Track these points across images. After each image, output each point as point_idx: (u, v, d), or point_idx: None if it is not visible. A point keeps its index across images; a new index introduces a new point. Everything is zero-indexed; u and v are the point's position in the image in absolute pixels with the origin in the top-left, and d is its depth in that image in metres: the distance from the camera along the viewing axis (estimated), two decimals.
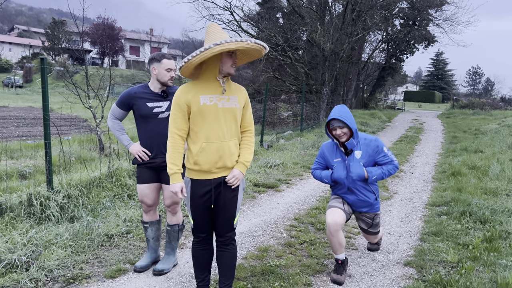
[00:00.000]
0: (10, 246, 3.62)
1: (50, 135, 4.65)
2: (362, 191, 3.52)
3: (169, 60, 3.40)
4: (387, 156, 3.50)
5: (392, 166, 3.51)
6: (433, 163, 9.64)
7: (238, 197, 2.77)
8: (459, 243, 4.29)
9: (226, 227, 2.77)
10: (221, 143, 2.64)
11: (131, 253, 3.91)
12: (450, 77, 79.06)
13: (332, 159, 3.56)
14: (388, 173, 3.49)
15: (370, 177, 3.44)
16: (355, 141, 3.43)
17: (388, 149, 3.49)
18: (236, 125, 2.72)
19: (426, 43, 27.47)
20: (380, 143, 3.50)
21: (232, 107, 2.68)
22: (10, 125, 16.39)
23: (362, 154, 3.45)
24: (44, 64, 4.52)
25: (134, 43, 66.20)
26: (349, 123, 3.33)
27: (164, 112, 3.37)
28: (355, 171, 3.44)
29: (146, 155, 3.39)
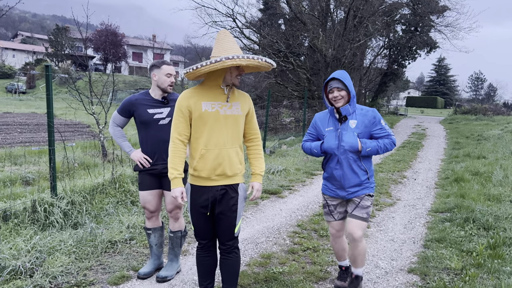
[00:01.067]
0: (14, 252, 3.63)
1: (54, 141, 4.67)
2: (353, 166, 3.11)
3: (168, 66, 3.44)
4: (384, 129, 3.14)
5: (389, 141, 3.13)
6: (436, 169, 9.63)
7: (238, 206, 2.74)
8: (463, 250, 4.27)
9: (227, 236, 2.76)
10: (220, 150, 2.64)
11: (135, 259, 3.92)
12: (452, 83, 79.02)
13: (324, 128, 3.20)
14: (384, 147, 3.11)
15: (364, 148, 3.06)
16: (351, 108, 3.10)
17: (386, 123, 3.18)
18: (238, 133, 2.71)
19: (428, 49, 27.47)
20: (378, 114, 3.15)
21: (235, 114, 2.68)
22: (13, 131, 16.46)
23: (357, 124, 3.10)
24: (49, 71, 4.56)
25: (137, 49, 66.52)
26: (349, 85, 3.04)
27: (164, 118, 3.40)
28: (348, 140, 3.07)
29: (147, 161, 3.41)
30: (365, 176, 3.15)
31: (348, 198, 3.18)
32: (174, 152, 2.69)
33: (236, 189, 2.72)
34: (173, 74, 3.43)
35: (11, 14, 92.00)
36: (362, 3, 18.28)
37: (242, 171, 2.76)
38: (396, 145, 3.18)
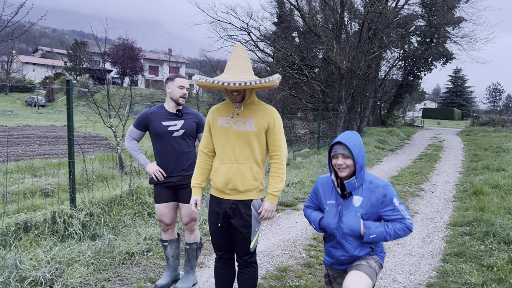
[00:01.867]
0: (35, 263, 3.69)
1: (74, 154, 4.77)
2: (353, 249, 2.62)
3: (182, 79, 3.52)
4: (397, 211, 2.55)
5: (401, 226, 2.54)
6: (454, 181, 9.48)
7: (252, 222, 2.71)
8: (483, 264, 4.19)
9: (242, 250, 2.77)
10: (231, 165, 2.67)
11: (152, 271, 3.95)
12: (469, 94, 78.03)
13: (326, 199, 2.73)
14: (394, 233, 2.54)
15: (367, 235, 2.53)
16: (357, 181, 2.58)
17: (401, 202, 2.61)
18: (251, 149, 2.67)
19: (444, 60, 27.26)
20: (390, 192, 2.57)
21: (246, 130, 2.67)
22: (33, 144, 16.82)
23: (363, 202, 2.57)
24: (69, 86, 4.68)
25: (153, 63, 67.60)
26: (356, 154, 2.53)
27: (178, 130, 3.46)
28: (348, 222, 2.58)
29: (162, 174, 3.46)
30: (367, 251, 2.64)
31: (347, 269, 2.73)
32: (197, 163, 2.86)
33: (249, 205, 2.69)
34: (185, 87, 3.50)
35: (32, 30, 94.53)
36: (376, 15, 18.29)
37: (259, 187, 2.71)
38: (411, 230, 2.58)
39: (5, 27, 6.26)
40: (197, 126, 3.56)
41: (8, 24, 6.27)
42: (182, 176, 3.47)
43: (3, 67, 54.62)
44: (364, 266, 2.55)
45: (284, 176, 2.71)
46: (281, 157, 2.70)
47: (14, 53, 57.34)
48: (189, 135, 3.51)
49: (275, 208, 2.72)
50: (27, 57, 72.07)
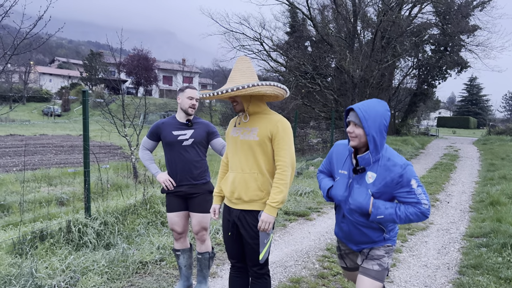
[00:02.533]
0: (50, 271, 3.74)
1: (89, 164, 4.84)
2: (361, 228, 2.48)
3: (192, 90, 3.58)
4: (413, 194, 2.31)
5: (415, 211, 2.31)
6: (470, 191, 9.33)
7: (259, 234, 2.67)
8: (501, 277, 4.10)
9: (252, 261, 2.76)
10: (237, 174, 2.70)
11: (165, 281, 3.96)
12: (485, 102, 77.00)
13: (338, 168, 2.56)
14: (405, 217, 2.31)
15: (374, 214, 2.35)
16: (372, 157, 2.36)
17: (421, 183, 2.35)
18: (255, 158, 2.66)
19: (459, 68, 27.03)
20: (409, 172, 2.32)
21: (249, 140, 2.67)
22: (49, 153, 17.10)
23: (376, 180, 2.36)
24: (86, 97, 4.77)
25: (167, 73, 68.35)
26: (367, 124, 2.31)
27: (188, 139, 3.50)
28: (357, 199, 2.41)
29: (172, 184, 3.50)
30: (380, 234, 2.47)
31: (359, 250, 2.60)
32: (219, 172, 2.95)
33: (256, 216, 2.67)
34: (195, 97, 3.54)
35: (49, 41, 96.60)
36: (389, 24, 18.26)
37: (265, 198, 2.67)
38: (428, 216, 2.33)
39: (24, 39, 6.42)
40: (207, 135, 3.60)
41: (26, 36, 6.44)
42: (191, 185, 3.50)
43: (21, 78, 55.83)
44: (372, 271, 2.44)
45: (284, 187, 2.58)
46: (283, 167, 2.61)
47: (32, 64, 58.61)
48: (199, 144, 3.55)
49: (272, 220, 2.60)
50: (44, 67, 73.58)
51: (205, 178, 3.59)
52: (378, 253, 2.47)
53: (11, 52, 6.24)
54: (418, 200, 2.31)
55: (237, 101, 2.68)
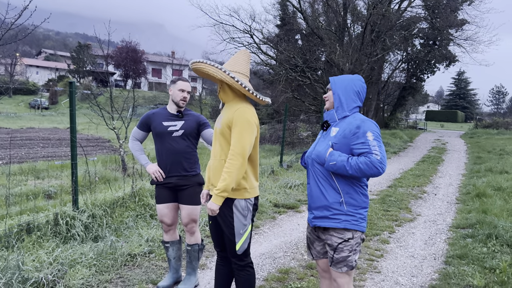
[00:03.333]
0: (37, 264, 3.71)
1: (76, 156, 4.79)
2: (320, 180, 2.53)
3: (184, 82, 3.58)
4: (367, 145, 2.36)
5: (365, 160, 2.34)
6: (456, 184, 9.46)
7: (234, 222, 2.68)
8: (486, 266, 4.17)
9: (230, 251, 2.77)
10: (211, 161, 2.80)
11: (154, 273, 3.95)
12: (473, 96, 77.85)
13: None
14: (356, 166, 2.35)
15: (328, 160, 2.43)
16: (337, 114, 2.56)
17: (379, 138, 2.41)
18: (220, 146, 2.72)
19: (447, 62, 27.23)
20: (367, 125, 2.41)
21: (217, 127, 2.76)
22: (36, 146, 16.88)
23: (338, 132, 2.50)
24: (72, 88, 4.70)
25: (156, 66, 67.79)
26: (335, 86, 2.58)
27: (178, 130, 3.50)
28: (318, 149, 2.55)
29: (162, 175, 3.49)
30: (336, 199, 2.47)
31: (313, 225, 2.60)
32: None
33: (230, 205, 2.67)
34: (186, 90, 3.54)
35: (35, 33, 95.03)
36: (379, 18, 18.30)
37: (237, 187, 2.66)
38: (379, 169, 2.33)
39: (8, 29, 6.30)
40: (198, 126, 3.59)
41: (11, 26, 6.31)
42: (181, 177, 3.49)
43: (7, 70, 54.89)
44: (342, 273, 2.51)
45: (228, 176, 2.55)
46: (230, 156, 2.60)
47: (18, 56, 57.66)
48: (189, 135, 3.53)
49: (215, 207, 2.58)
50: (30, 59, 72.41)
51: (195, 170, 3.58)
52: (342, 254, 2.48)
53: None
54: (369, 150, 2.35)
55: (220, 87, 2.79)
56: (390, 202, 7.22)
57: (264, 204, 6.60)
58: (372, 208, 6.75)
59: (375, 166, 2.32)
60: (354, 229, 2.47)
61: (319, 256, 2.70)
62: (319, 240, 2.66)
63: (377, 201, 7.33)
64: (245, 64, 2.80)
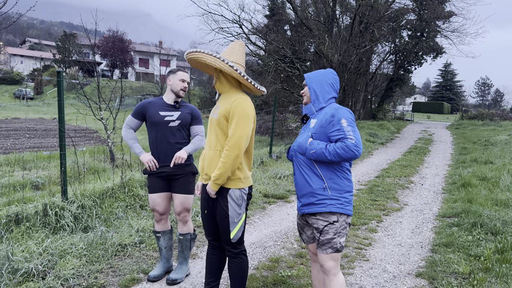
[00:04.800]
0: (27, 255, 3.69)
1: (65, 146, 4.75)
2: (304, 169, 2.65)
3: (183, 72, 3.62)
4: (342, 131, 2.50)
5: (340, 145, 2.47)
6: (443, 174, 9.61)
7: (228, 211, 2.73)
8: (471, 254, 4.28)
9: (224, 239, 2.82)
10: (206, 151, 2.83)
11: (145, 262, 3.97)
12: (459, 88, 78.76)
13: None
14: (334, 151, 2.47)
15: (308, 150, 2.57)
16: (314, 107, 2.71)
17: (353, 124, 2.56)
18: (216, 136, 2.76)
19: (434, 54, 27.45)
20: (341, 113, 2.55)
21: (213, 118, 2.80)
22: (22, 137, 16.63)
23: (316, 123, 2.65)
24: (60, 77, 4.64)
25: (144, 56, 67.01)
26: (310, 81, 2.75)
27: (174, 121, 3.50)
28: (298, 140, 2.71)
29: (155, 165, 3.49)
30: (320, 185, 2.57)
31: (302, 213, 2.69)
32: None
33: (225, 194, 2.72)
34: (186, 80, 3.59)
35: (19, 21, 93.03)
36: (368, 9, 18.34)
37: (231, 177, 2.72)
38: (355, 152, 2.45)
39: None
40: (192, 118, 3.60)
41: None
42: (175, 166, 3.49)
43: None
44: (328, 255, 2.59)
45: (223, 166, 2.63)
46: (227, 147, 2.65)
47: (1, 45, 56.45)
48: (184, 126, 3.56)
49: (212, 192, 2.71)
50: (14, 48, 70.96)
51: (188, 160, 3.59)
52: (327, 236, 2.57)
53: None
54: (345, 135, 2.49)
55: (215, 77, 2.81)
56: (378, 192, 7.32)
57: (254, 194, 6.63)
58: (360, 198, 6.84)
59: (350, 149, 2.45)
60: (339, 212, 2.56)
61: (310, 241, 2.81)
62: (308, 225, 2.76)
63: (365, 191, 7.42)
64: (241, 55, 2.82)
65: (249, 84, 2.75)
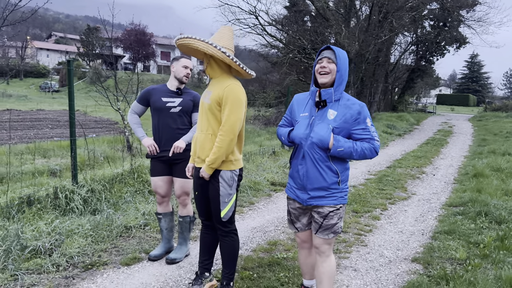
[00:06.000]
0: (36, 234, 3.89)
1: (75, 132, 4.94)
2: (320, 164, 2.53)
3: (186, 59, 3.72)
4: (368, 131, 2.52)
5: (369, 146, 2.51)
6: (457, 165, 9.48)
7: (220, 191, 2.84)
8: (471, 241, 4.27)
9: (215, 218, 2.93)
10: (198, 135, 2.92)
11: (147, 243, 4.13)
12: (486, 80, 76.51)
13: (299, 113, 2.65)
14: (361, 152, 2.49)
15: (335, 146, 2.46)
16: (335, 94, 2.52)
17: (372, 123, 2.59)
18: (208, 120, 2.83)
19: (458, 44, 26.80)
20: (365, 111, 2.54)
21: (204, 102, 2.88)
22: (45, 127, 17.18)
23: (337, 116, 2.50)
24: (70, 66, 4.83)
25: (165, 49, 67.72)
26: (340, 61, 2.49)
27: (176, 107, 3.61)
28: (318, 132, 2.49)
29: (156, 150, 3.63)
30: (334, 180, 2.54)
31: (308, 205, 2.63)
32: None
33: (216, 175, 2.83)
34: (189, 67, 3.70)
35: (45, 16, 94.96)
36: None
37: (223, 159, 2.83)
38: (377, 153, 2.56)
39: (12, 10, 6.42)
40: (193, 106, 3.70)
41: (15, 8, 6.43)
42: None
43: (18, 53, 55.30)
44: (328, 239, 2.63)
45: (218, 150, 2.72)
46: (221, 132, 2.72)
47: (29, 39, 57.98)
48: (186, 113, 3.67)
49: (206, 176, 2.81)
50: (41, 42, 72.76)
51: (189, 145, 3.70)
52: (332, 222, 2.59)
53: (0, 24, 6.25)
54: (372, 137, 2.53)
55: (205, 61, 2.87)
56: (387, 182, 7.30)
57: (261, 182, 6.73)
58: (367, 187, 6.85)
59: (376, 151, 2.55)
60: (344, 203, 2.64)
61: (304, 229, 2.81)
62: (304, 214, 2.76)
63: (373, 180, 7.41)
64: (230, 40, 2.89)
65: (240, 69, 2.83)
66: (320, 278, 2.68)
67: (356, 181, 7.33)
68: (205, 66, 2.90)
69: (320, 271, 2.67)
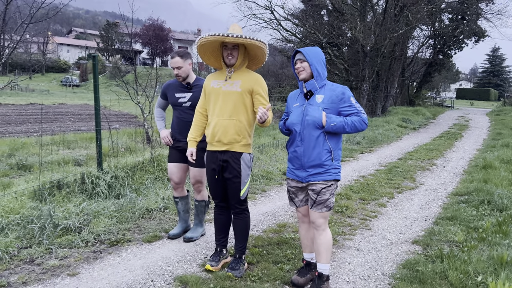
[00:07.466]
0: (66, 214, 4.28)
1: (100, 122, 5.33)
2: (315, 142, 2.91)
3: (171, 59, 3.92)
4: (354, 107, 2.92)
5: (358, 118, 2.89)
6: (468, 158, 9.60)
7: (241, 173, 3.18)
8: (470, 226, 4.50)
9: (234, 199, 3.25)
10: (218, 120, 3.17)
11: (167, 224, 4.49)
12: (508, 74, 74.93)
13: (292, 105, 3.10)
14: (352, 124, 2.87)
15: (328, 123, 2.85)
16: (317, 83, 2.95)
17: (357, 102, 3.00)
18: (234, 107, 3.13)
19: (476, 38, 26.49)
20: (348, 92, 2.96)
21: (232, 90, 3.16)
22: (67, 120, 17.81)
23: (324, 99, 2.92)
24: (95, 61, 5.20)
25: (183, 44, 68.31)
26: (310, 58, 2.91)
27: (186, 102, 3.91)
28: (312, 113, 2.89)
29: (170, 141, 3.96)
30: (328, 157, 2.91)
31: (307, 181, 2.97)
32: (194, 121, 3.40)
33: (238, 158, 3.17)
34: (175, 67, 3.85)
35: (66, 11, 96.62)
36: None
37: (241, 142, 3.17)
38: (366, 124, 2.95)
39: (39, 8, 6.84)
40: None
41: (42, 5, 6.85)
42: None
43: (39, 48, 56.66)
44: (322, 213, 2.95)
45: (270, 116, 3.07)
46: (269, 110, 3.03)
47: (50, 35, 59.31)
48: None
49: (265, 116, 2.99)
50: (61, 38, 74.30)
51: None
52: (324, 197, 2.93)
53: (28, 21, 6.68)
54: (358, 111, 2.94)
55: (234, 55, 3.16)
56: (396, 172, 7.52)
57: (274, 172, 7.04)
58: (376, 177, 7.08)
59: (364, 122, 2.92)
60: (337, 179, 2.98)
61: (301, 204, 3.14)
62: (301, 190, 3.09)
63: (383, 171, 7.64)
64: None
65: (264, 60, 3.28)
66: (318, 250, 3.00)
67: (366, 172, 7.57)
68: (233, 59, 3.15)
69: (318, 243, 2.99)
